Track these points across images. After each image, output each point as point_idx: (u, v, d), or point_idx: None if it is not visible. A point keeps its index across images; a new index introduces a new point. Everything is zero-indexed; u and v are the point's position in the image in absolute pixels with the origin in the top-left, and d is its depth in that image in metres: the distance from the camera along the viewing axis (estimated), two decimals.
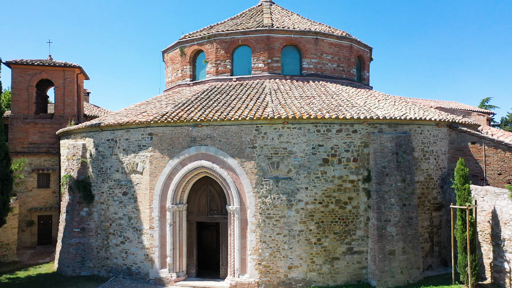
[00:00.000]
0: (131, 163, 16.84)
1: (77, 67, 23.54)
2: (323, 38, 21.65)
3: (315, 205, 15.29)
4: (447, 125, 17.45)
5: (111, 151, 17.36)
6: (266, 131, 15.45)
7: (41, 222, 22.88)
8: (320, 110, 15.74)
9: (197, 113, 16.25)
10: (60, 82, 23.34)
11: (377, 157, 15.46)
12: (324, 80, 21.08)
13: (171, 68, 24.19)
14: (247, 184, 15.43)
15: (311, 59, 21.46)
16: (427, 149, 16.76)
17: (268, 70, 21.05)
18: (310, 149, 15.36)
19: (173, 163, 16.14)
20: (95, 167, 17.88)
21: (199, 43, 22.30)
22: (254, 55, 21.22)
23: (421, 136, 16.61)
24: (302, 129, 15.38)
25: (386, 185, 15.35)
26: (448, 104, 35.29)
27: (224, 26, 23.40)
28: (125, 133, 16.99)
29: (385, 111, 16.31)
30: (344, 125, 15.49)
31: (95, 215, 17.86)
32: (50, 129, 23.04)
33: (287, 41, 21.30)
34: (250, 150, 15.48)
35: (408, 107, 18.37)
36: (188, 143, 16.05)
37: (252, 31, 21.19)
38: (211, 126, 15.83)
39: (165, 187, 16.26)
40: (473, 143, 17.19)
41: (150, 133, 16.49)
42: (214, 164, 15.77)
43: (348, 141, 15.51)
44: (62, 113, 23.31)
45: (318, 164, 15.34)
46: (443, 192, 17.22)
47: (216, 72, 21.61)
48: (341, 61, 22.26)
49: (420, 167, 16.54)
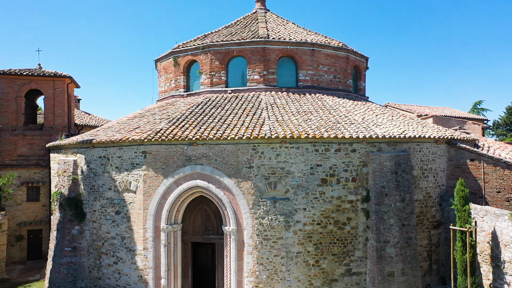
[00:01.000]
0: (124, 182, 16.37)
1: (67, 77, 22.93)
2: (320, 49, 21.30)
3: (313, 226, 14.98)
4: (445, 142, 17.24)
5: (103, 168, 16.87)
6: (263, 151, 15.08)
7: (30, 236, 22.31)
8: (318, 128, 15.41)
9: (192, 131, 15.82)
10: (50, 93, 22.73)
11: (376, 177, 15.19)
12: (320, 92, 20.75)
13: (164, 78, 23.69)
14: (244, 204, 15.06)
15: (308, 70, 21.11)
16: (426, 167, 16.53)
17: (263, 82, 20.66)
18: (308, 169, 15.03)
19: (168, 182, 15.71)
20: (86, 184, 17.37)
21: (193, 54, 21.83)
22: (250, 67, 20.81)
23: (420, 154, 16.37)
24: (300, 148, 15.04)
25: (385, 205, 15.10)
26: (442, 111, 35.22)
27: (219, 35, 22.94)
28: (117, 150, 16.51)
29: (384, 129, 16.04)
30: (343, 144, 15.18)
31: (87, 233, 17.38)
32: (39, 141, 22.44)
33: (283, 53, 20.92)
34: (247, 170, 15.10)
35: (406, 122, 18.13)
36: (183, 162, 15.63)
37: (248, 42, 20.77)
38: (206, 145, 15.42)
39: (159, 207, 15.83)
40: (472, 160, 16.99)
41: (143, 151, 16.03)
42: (210, 184, 15.38)
43: (347, 161, 15.21)
44: (52, 124, 22.72)
45: (316, 184, 15.02)
46: (441, 210, 17.02)
47: (210, 84, 21.17)
48: (337, 72, 21.94)
49: (419, 185, 16.31)
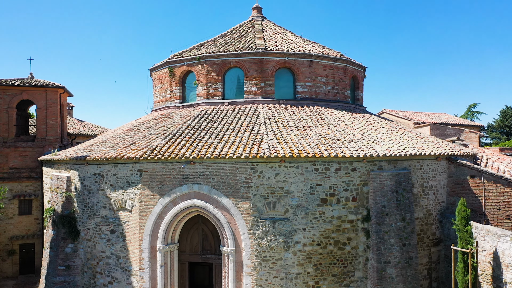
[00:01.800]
0: (119, 200, 15.98)
1: (60, 87, 22.43)
2: (318, 61, 21.01)
3: (313, 247, 14.71)
4: (446, 158, 17.04)
5: (97, 186, 16.46)
6: (262, 170, 14.77)
7: (23, 250, 21.83)
8: (318, 147, 15.12)
9: (189, 148, 15.46)
10: (42, 103, 22.21)
11: (377, 196, 14.95)
12: (318, 104, 20.47)
13: (159, 88, 23.27)
14: (243, 225, 14.75)
15: (305, 82, 20.81)
16: (426, 184, 16.32)
17: (261, 94, 20.33)
18: (308, 188, 14.75)
19: (164, 201, 15.35)
20: (80, 202, 16.95)
21: (189, 64, 21.43)
22: (247, 79, 20.46)
23: (420, 171, 16.15)
24: (299, 167, 14.75)
25: (386, 225, 14.87)
26: (438, 117, 35.13)
27: (215, 45, 22.56)
28: (112, 168, 16.10)
29: (384, 146, 15.79)
30: (343, 163, 14.91)
31: (81, 252, 16.96)
32: (32, 153, 21.93)
33: (280, 64, 20.60)
34: (245, 189, 14.78)
35: (406, 137, 17.90)
36: (179, 181, 15.27)
37: (245, 54, 20.41)
38: (204, 163, 15.07)
39: (155, 227, 15.47)
40: (473, 177, 16.82)
41: (139, 170, 15.64)
42: (207, 203, 15.04)
43: (347, 180, 14.95)
44: (45, 136, 22.21)
45: (316, 204, 14.74)
46: (441, 227, 16.84)
47: (207, 95, 20.80)
48: (335, 84, 21.67)
49: (419, 203, 16.10)
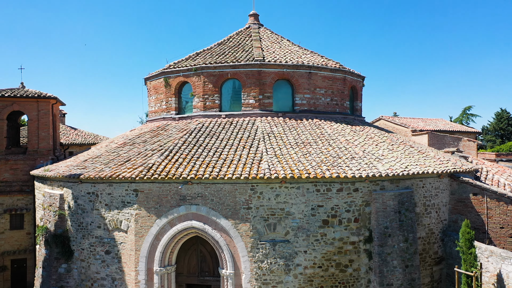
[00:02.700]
0: (114, 220, 15.50)
1: (52, 98, 21.79)
2: (317, 72, 20.63)
3: (314, 270, 14.36)
4: (448, 175, 16.76)
5: (92, 205, 15.96)
6: (262, 191, 14.37)
7: (14, 266, 21.23)
8: (319, 166, 14.75)
9: (187, 167, 15.02)
10: (34, 114, 21.56)
11: (379, 217, 14.63)
12: (317, 116, 20.10)
13: (155, 98, 22.75)
14: (242, 247, 14.35)
15: (304, 94, 20.43)
16: (428, 202, 16.03)
17: (259, 106, 19.90)
18: (309, 209, 14.38)
19: (161, 223, 14.90)
20: (74, 221, 16.44)
21: (185, 75, 20.94)
22: (245, 91, 20.03)
23: (423, 190, 15.85)
24: (300, 188, 14.37)
25: (389, 246, 14.56)
26: (435, 123, 34.93)
27: (211, 54, 22.09)
28: (107, 187, 15.61)
29: (386, 164, 15.45)
30: (345, 183, 14.55)
31: (74, 272, 16.46)
32: (23, 165, 21.29)
33: (279, 76, 20.19)
34: (245, 211, 14.38)
35: (407, 152, 17.58)
36: (177, 201, 14.82)
37: (242, 65, 19.96)
38: (202, 184, 14.63)
39: (152, 248, 15.02)
40: (475, 195, 16.55)
41: (135, 189, 15.16)
42: (205, 225, 14.62)
43: (349, 201, 14.60)
44: (37, 148, 21.58)
45: (317, 226, 14.38)
46: (443, 245, 16.57)
47: (203, 107, 20.33)
48: (334, 95, 21.30)
49: (421, 222, 15.81)
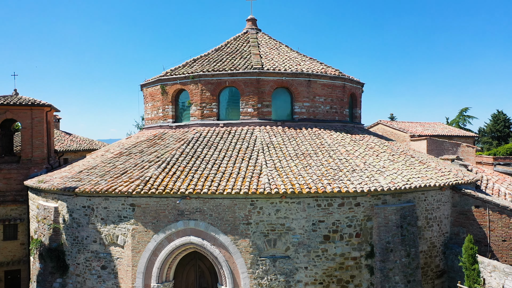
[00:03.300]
0: (111, 235, 15.15)
1: (46, 105, 21.36)
2: (316, 80, 20.33)
3: (315, 286, 14.09)
4: (450, 187, 16.54)
5: (87, 219, 15.59)
6: (262, 206, 14.07)
7: (8, 277, 20.82)
8: (320, 180, 14.46)
9: (185, 181, 14.69)
10: (28, 122, 21.10)
11: (381, 232, 14.38)
12: (317, 125, 19.82)
13: (151, 105, 22.37)
14: (242, 263, 14.06)
15: (303, 102, 20.13)
16: (430, 215, 15.81)
17: (257, 115, 19.58)
18: (310, 225, 14.10)
19: (159, 238, 14.57)
20: (69, 235, 16.07)
21: (182, 83, 20.57)
22: (243, 99, 19.70)
23: (425, 203, 15.63)
24: (301, 203, 14.08)
25: (391, 262, 14.32)
26: (433, 128, 34.77)
27: (209, 60, 21.74)
28: (103, 201, 15.24)
29: (388, 177, 15.18)
30: (347, 198, 14.28)
31: (70, 287, 16.11)
32: (17, 175, 20.84)
33: (278, 84, 19.88)
34: (244, 226, 14.08)
35: (408, 163, 17.31)
36: (175, 216, 14.49)
37: (241, 73, 19.62)
38: (200, 198, 14.32)
39: (149, 264, 14.69)
40: (477, 207, 16.35)
41: (132, 204, 14.81)
42: (204, 241, 14.31)
43: (351, 215, 14.33)
44: (30, 157, 21.14)
45: (318, 242, 14.11)
46: (445, 258, 16.36)
47: (201, 116, 19.99)
48: (334, 103, 21.02)
49: (423, 236, 15.59)
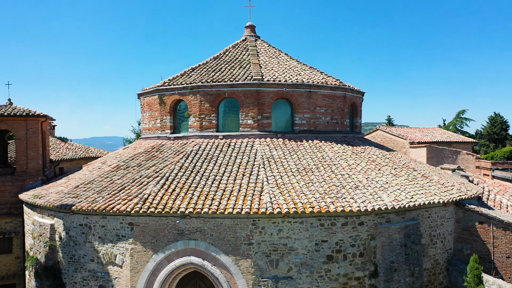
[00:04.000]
0: (109, 254, 14.79)
1: (41, 116, 20.90)
2: (317, 91, 20.03)
3: None
4: (453, 203, 16.32)
5: (84, 237, 15.22)
6: (264, 226, 13.78)
7: None
8: (323, 198, 14.19)
9: (185, 199, 14.36)
10: (22, 133, 20.64)
11: (385, 251, 14.14)
12: (318, 137, 19.52)
13: (149, 115, 21.99)
14: (243, 284, 13.76)
15: (304, 114, 19.83)
16: (434, 233, 15.59)
17: (257, 127, 19.26)
18: (313, 245, 13.82)
19: (158, 258, 14.24)
20: (66, 253, 15.69)
21: (181, 93, 20.20)
22: (243, 111, 19.37)
23: (428, 220, 15.40)
24: (304, 223, 13.80)
25: (395, 281, 14.09)
26: (432, 133, 34.59)
27: (207, 70, 21.37)
28: (100, 219, 14.88)
29: (391, 194, 14.92)
30: (350, 217, 14.02)
31: None
32: (11, 187, 20.38)
33: (278, 95, 19.55)
34: (246, 246, 13.78)
35: (411, 177, 17.04)
36: (174, 236, 14.17)
37: (240, 84, 19.27)
38: (201, 218, 14.00)
39: (148, 284, 14.35)
40: (481, 223, 16.15)
41: (130, 223, 14.47)
42: (205, 261, 14.00)
43: (354, 235, 14.07)
44: (25, 168, 20.68)
45: (321, 262, 13.84)
46: (448, 275, 16.14)
47: (200, 127, 19.63)
48: (334, 113, 20.74)
49: (427, 253, 15.37)
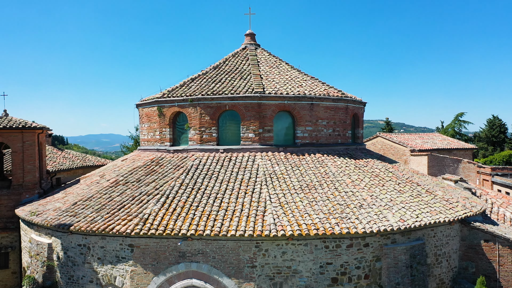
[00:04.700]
0: (108, 275, 14.46)
1: (38, 128, 20.48)
2: (319, 103, 19.73)
3: None
4: (459, 221, 16.08)
5: (83, 258, 14.87)
6: (268, 248, 13.48)
7: None
8: (328, 219, 13.90)
9: (186, 219, 14.05)
10: (19, 146, 20.21)
11: (391, 273, 13.89)
12: (320, 150, 19.25)
13: (147, 126, 21.63)
14: None
15: (306, 126, 19.53)
16: (439, 252, 15.34)
17: (259, 140, 18.95)
18: (318, 267, 13.54)
19: (159, 280, 13.92)
20: (64, 273, 15.34)
21: (180, 105, 19.85)
22: (244, 124, 19.04)
23: (434, 239, 15.15)
24: (308, 245, 13.51)
25: None
26: (433, 141, 34.37)
27: (207, 80, 21.04)
28: (100, 240, 14.53)
29: (397, 214, 14.65)
30: (355, 238, 13.75)
31: None
32: (7, 201, 19.97)
33: (280, 108, 19.24)
34: (249, 269, 13.48)
35: (415, 192, 16.78)
36: (176, 258, 13.84)
37: (242, 97, 18.94)
38: (203, 240, 13.68)
39: None
40: (486, 241, 15.93)
41: (130, 244, 14.13)
42: (207, 284, 13.68)
43: (359, 257, 13.80)
44: (22, 182, 20.26)
45: (326, 285, 13.56)
46: None
47: (200, 140, 19.30)
48: (336, 125, 20.45)
49: (432, 273, 15.12)
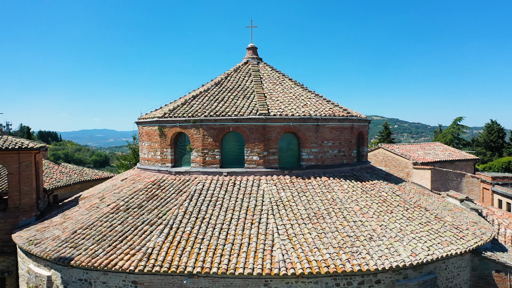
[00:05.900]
0: None
1: (35, 149, 19.83)
2: (324, 124, 19.28)
3: None
4: (470, 251, 15.73)
5: None
6: (277, 286, 13.03)
7: None
8: (338, 254, 13.48)
9: (192, 254, 13.58)
10: (15, 168, 19.57)
11: None
12: (325, 173, 18.84)
13: (148, 145, 21.07)
14: None
15: (311, 148, 19.08)
16: (451, 284, 15.00)
17: (263, 164, 18.47)
18: None
19: None
20: None
21: (182, 126, 19.32)
22: (248, 146, 18.55)
23: (445, 271, 14.79)
24: (319, 283, 13.08)
25: None
26: (435, 152, 34.05)
27: (209, 98, 20.53)
28: (102, 275, 14.01)
29: (408, 247, 14.25)
30: (367, 275, 13.34)
31: None
32: (4, 224, 19.36)
33: (285, 130, 18.77)
34: None
35: (424, 219, 16.38)
36: None
37: (246, 119, 18.44)
38: (209, 278, 13.21)
39: None
40: (498, 272, 15.60)
41: (134, 281, 13.62)
42: None
43: None
44: (18, 204, 19.65)
45: None
46: None
47: (203, 163, 18.79)
48: (342, 145, 20.02)
49: None
